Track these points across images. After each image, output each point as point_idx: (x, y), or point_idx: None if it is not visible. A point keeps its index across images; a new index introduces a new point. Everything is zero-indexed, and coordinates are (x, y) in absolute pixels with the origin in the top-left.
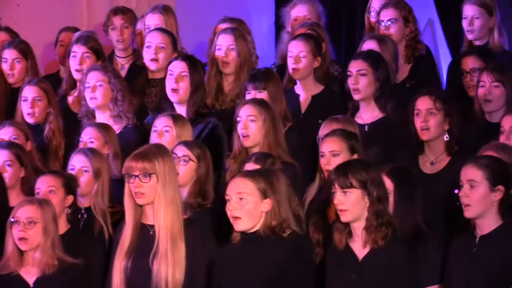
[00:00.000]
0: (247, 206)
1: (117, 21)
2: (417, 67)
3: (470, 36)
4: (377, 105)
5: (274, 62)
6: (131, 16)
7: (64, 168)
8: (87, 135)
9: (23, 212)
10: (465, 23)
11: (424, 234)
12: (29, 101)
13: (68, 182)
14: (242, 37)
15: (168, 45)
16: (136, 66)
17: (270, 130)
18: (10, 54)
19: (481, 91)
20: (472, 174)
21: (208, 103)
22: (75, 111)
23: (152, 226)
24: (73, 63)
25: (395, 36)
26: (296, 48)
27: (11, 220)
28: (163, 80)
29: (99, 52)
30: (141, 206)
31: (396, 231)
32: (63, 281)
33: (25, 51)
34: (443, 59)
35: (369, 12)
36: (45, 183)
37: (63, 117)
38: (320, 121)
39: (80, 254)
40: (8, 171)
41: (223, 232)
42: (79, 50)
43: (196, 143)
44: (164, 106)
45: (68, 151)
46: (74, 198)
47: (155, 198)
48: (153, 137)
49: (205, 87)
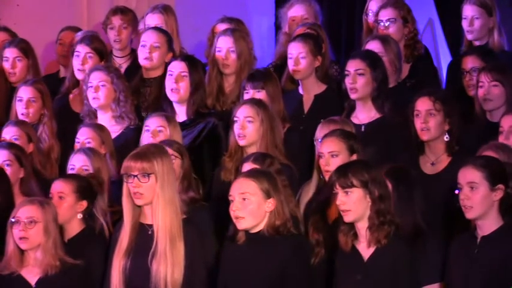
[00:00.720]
0: (250, 206)
1: (115, 21)
2: (416, 66)
3: (470, 36)
4: (374, 105)
5: (271, 62)
6: (131, 17)
7: (62, 170)
8: (83, 135)
9: (24, 212)
10: (465, 23)
11: (424, 233)
12: (24, 101)
13: (82, 187)
14: (242, 38)
15: (163, 44)
16: (135, 66)
17: (268, 131)
18: (11, 52)
19: (481, 91)
20: (471, 176)
21: (209, 104)
22: (76, 110)
23: (151, 226)
24: (76, 62)
25: (394, 36)
26: (295, 49)
27: (12, 220)
28: (157, 80)
29: (102, 53)
30: (140, 206)
31: (399, 229)
32: (64, 282)
33: (26, 49)
34: (443, 59)
35: (367, 14)
36: (55, 188)
37: (63, 116)
38: (322, 120)
39: (86, 254)
40: (7, 171)
41: (221, 229)
42: (82, 50)
43: (174, 141)
44: (164, 106)
45: (67, 152)
46: (89, 203)
47: (154, 198)
48: (146, 137)
49: (205, 87)
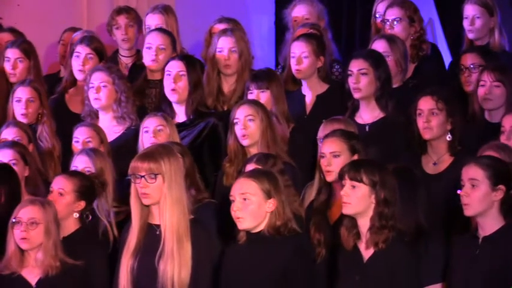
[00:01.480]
0: (251, 207)
1: (121, 20)
2: (421, 67)
3: (471, 35)
4: (378, 105)
5: (280, 65)
6: (135, 15)
7: (66, 168)
8: (83, 134)
9: (25, 213)
10: (466, 23)
11: (426, 234)
12: (23, 102)
13: (84, 188)
14: (242, 38)
15: (168, 46)
16: (137, 66)
17: (267, 128)
18: (13, 53)
19: (481, 90)
20: (474, 173)
21: (210, 104)
22: (72, 109)
23: (159, 226)
24: (76, 63)
25: (399, 35)
26: (298, 49)
27: (13, 221)
28: (163, 81)
29: (102, 53)
30: (148, 206)
31: (402, 236)
32: (65, 283)
33: (28, 50)
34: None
35: (375, 16)
36: (57, 183)
37: (60, 115)
38: (324, 120)
39: (83, 256)
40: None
41: (224, 226)
42: (83, 51)
43: (173, 142)
44: (163, 106)
45: (64, 150)
46: (87, 204)
47: (161, 198)
48: (146, 138)
49: (203, 86)
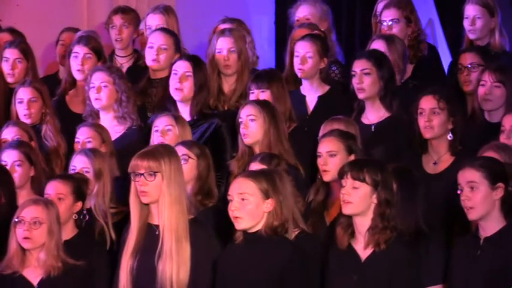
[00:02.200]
0: (248, 206)
1: (117, 20)
2: (420, 68)
3: (471, 36)
4: (382, 104)
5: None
6: (132, 16)
7: (67, 168)
8: (83, 135)
9: (28, 212)
10: (466, 23)
11: (426, 234)
12: (25, 103)
13: (78, 188)
14: (241, 38)
15: (171, 46)
16: (137, 66)
17: (270, 128)
18: (12, 54)
19: (482, 90)
20: (470, 175)
21: (211, 104)
22: (73, 110)
23: (158, 226)
24: (74, 63)
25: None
26: (303, 48)
27: (15, 220)
28: (164, 80)
29: (100, 52)
30: (147, 206)
31: (402, 236)
32: (66, 283)
33: (26, 51)
34: (443, 59)
35: (376, 16)
36: (54, 189)
37: (61, 116)
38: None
39: (84, 257)
40: (18, 171)
41: (226, 231)
42: (81, 51)
43: (194, 142)
44: (168, 105)
45: (68, 151)
46: (83, 203)
47: (160, 197)
48: (156, 137)
49: (209, 87)
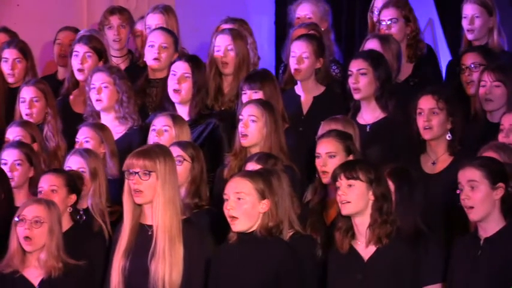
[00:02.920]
0: (244, 206)
1: (114, 20)
2: (419, 66)
3: (470, 36)
4: (378, 104)
5: (284, 63)
6: (128, 16)
7: None
8: (82, 135)
9: (30, 211)
10: (465, 22)
11: (425, 234)
12: (27, 102)
13: (71, 181)
14: (240, 37)
15: (171, 45)
16: (135, 67)
17: (272, 133)
18: (11, 54)
19: (482, 90)
20: (471, 174)
21: (207, 104)
22: (76, 111)
23: (151, 226)
24: (75, 62)
25: (396, 35)
26: (299, 48)
27: (16, 219)
28: (163, 80)
29: (101, 52)
30: (140, 205)
31: (402, 234)
32: (67, 283)
33: (25, 51)
34: (443, 59)
35: (372, 11)
36: (47, 181)
37: (64, 117)
38: (322, 122)
39: (82, 255)
40: (18, 170)
41: (220, 233)
42: (81, 50)
43: (190, 144)
44: (166, 106)
45: (69, 152)
46: (77, 196)
47: (154, 197)
48: (152, 136)
49: (208, 88)
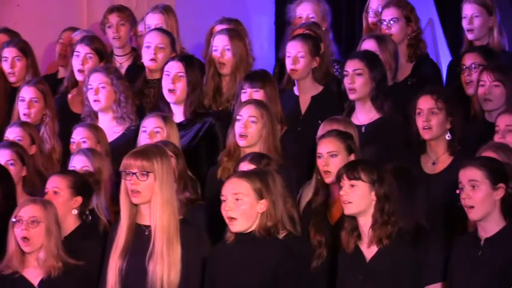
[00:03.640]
0: (243, 207)
1: (112, 18)
2: (419, 66)
3: (470, 36)
4: (373, 105)
5: (277, 61)
6: (128, 14)
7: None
8: (78, 135)
9: (26, 212)
10: (465, 22)
11: (425, 234)
12: (26, 102)
13: (77, 183)
14: (238, 37)
15: (167, 45)
16: (136, 66)
17: (270, 134)
18: (10, 52)
19: (481, 90)
20: (472, 174)
21: (205, 104)
22: (74, 110)
23: (148, 226)
24: (76, 63)
25: (397, 35)
26: (294, 48)
27: (13, 220)
28: (161, 81)
29: (102, 53)
30: (137, 206)
31: (404, 234)
32: (67, 283)
33: (25, 49)
34: (443, 59)
35: (367, 12)
36: (51, 183)
37: (62, 116)
38: (320, 121)
39: (83, 255)
40: (11, 170)
41: (216, 229)
42: (82, 50)
43: (169, 142)
44: (161, 106)
45: (66, 152)
46: (85, 199)
47: (152, 197)
48: (143, 138)
49: (202, 87)
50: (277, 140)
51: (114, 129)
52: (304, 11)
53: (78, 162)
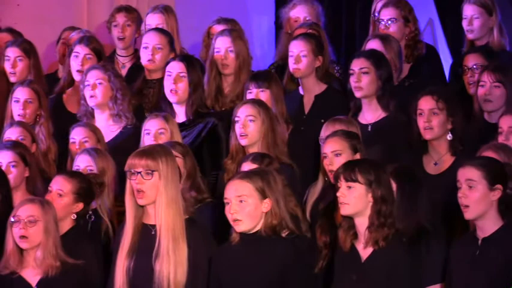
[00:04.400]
0: (247, 208)
1: (120, 18)
2: (417, 67)
3: (470, 36)
4: (379, 104)
5: (272, 63)
6: (135, 15)
7: (62, 169)
8: (80, 135)
9: (24, 211)
10: (465, 23)
11: (427, 234)
12: (21, 103)
13: (81, 189)
14: (239, 38)
15: (165, 45)
16: (138, 66)
17: (269, 131)
18: (13, 52)
19: (481, 91)
20: (470, 174)
21: (208, 104)
22: (70, 109)
23: (154, 226)
24: (74, 63)
25: (394, 35)
26: (297, 47)
27: (12, 219)
28: (160, 81)
29: (100, 53)
30: (142, 206)
31: (400, 234)
32: (65, 282)
33: (28, 49)
34: (443, 59)
35: (374, 14)
36: (57, 183)
37: (57, 115)
38: (323, 120)
39: (80, 256)
40: (13, 172)
41: (224, 227)
42: (81, 51)
43: (176, 142)
44: (163, 106)
45: (62, 151)
46: (86, 205)
47: (157, 197)
48: (147, 140)
49: (204, 87)
50: (277, 137)
51: (110, 127)
52: (299, 14)
53: (82, 161)
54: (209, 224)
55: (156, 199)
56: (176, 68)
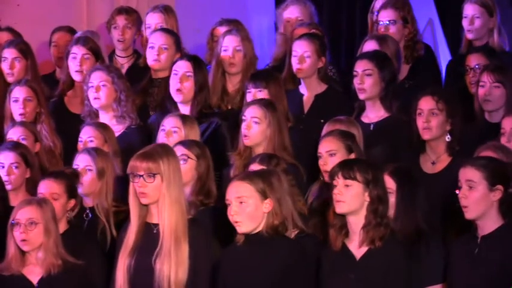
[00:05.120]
0: (248, 209)
1: (120, 20)
2: (416, 68)
3: (470, 35)
4: (382, 105)
5: (267, 64)
6: (135, 17)
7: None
8: (86, 134)
9: (23, 214)
10: (465, 23)
11: (426, 234)
12: (21, 102)
13: (70, 186)
14: (247, 38)
15: (171, 45)
16: (136, 66)
17: (276, 133)
18: (10, 53)
19: (481, 91)
20: (470, 174)
21: (214, 103)
22: (72, 111)
23: (156, 225)
24: (73, 64)
25: (393, 37)
26: (301, 48)
27: (12, 222)
28: (165, 80)
29: (98, 53)
30: (146, 205)
31: (395, 234)
32: (66, 281)
33: (25, 50)
34: (443, 59)
35: (372, 12)
36: (48, 188)
37: (61, 117)
38: (322, 120)
39: (79, 256)
40: (15, 173)
41: (226, 231)
42: (79, 52)
43: (194, 142)
44: (168, 106)
45: (66, 151)
46: (77, 201)
47: (160, 197)
48: (161, 136)
49: (209, 87)
50: (285, 139)
51: (114, 128)
52: (292, 14)
53: (82, 161)
54: (210, 227)
55: (159, 200)
56: (183, 67)
